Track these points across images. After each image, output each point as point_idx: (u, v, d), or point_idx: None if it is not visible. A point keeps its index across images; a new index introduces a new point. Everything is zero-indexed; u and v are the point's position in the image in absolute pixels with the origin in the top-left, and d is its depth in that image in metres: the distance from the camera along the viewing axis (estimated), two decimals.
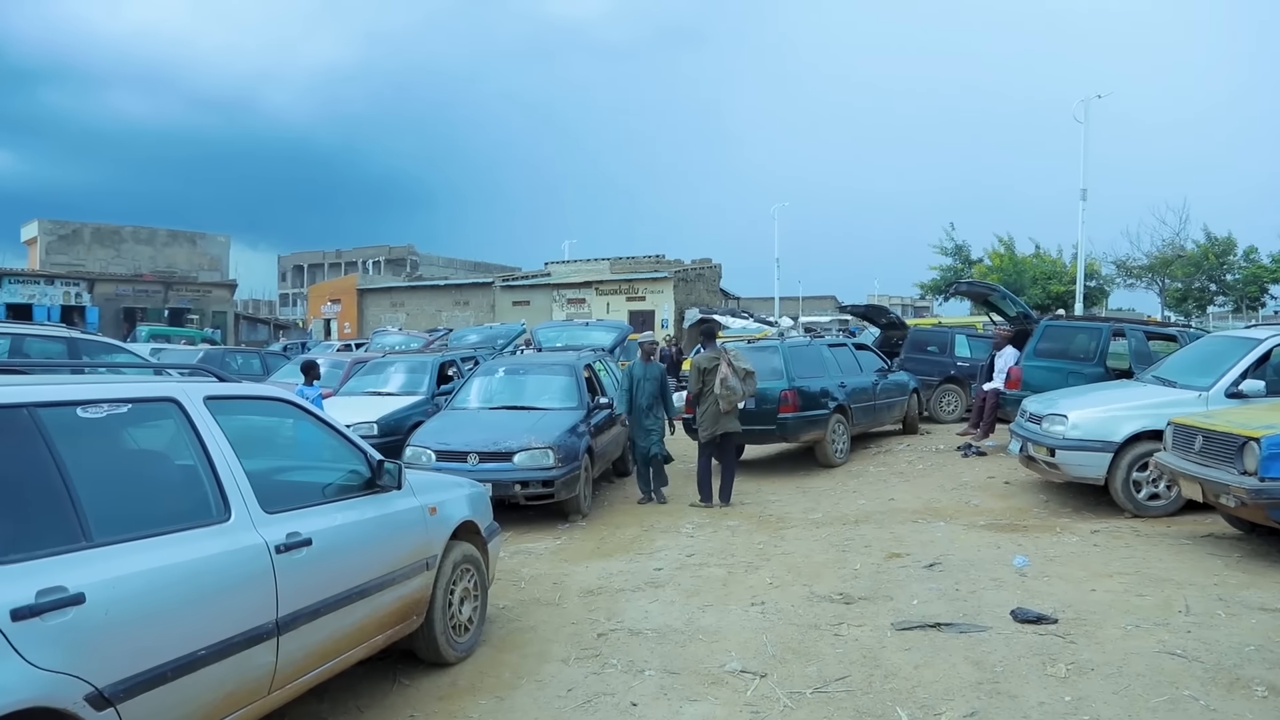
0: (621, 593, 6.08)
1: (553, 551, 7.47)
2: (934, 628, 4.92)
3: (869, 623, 5.12)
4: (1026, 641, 4.60)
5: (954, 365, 14.95)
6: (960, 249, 37.40)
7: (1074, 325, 11.68)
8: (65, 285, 38.21)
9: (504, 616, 5.62)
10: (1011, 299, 12.50)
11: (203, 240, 45.99)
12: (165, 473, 3.34)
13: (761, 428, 10.56)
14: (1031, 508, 8.19)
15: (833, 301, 59.21)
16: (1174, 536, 6.74)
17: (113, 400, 3.05)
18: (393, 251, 63.91)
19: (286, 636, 3.36)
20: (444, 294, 42.14)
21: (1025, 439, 8.29)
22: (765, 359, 10.93)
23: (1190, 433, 6.32)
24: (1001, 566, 6.08)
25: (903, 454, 11.60)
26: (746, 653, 4.76)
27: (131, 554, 2.82)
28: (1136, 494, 7.51)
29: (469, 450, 8.30)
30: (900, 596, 5.58)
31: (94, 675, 2.56)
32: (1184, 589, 5.32)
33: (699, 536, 7.79)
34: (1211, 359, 8.02)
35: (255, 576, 3.27)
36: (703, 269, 38.27)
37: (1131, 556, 6.15)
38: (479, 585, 5.07)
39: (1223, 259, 34.43)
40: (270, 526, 3.40)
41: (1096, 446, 7.61)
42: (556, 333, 15.83)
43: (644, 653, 4.86)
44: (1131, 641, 4.48)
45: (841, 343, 12.91)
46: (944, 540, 7.03)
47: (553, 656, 4.88)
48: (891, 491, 9.34)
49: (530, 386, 9.91)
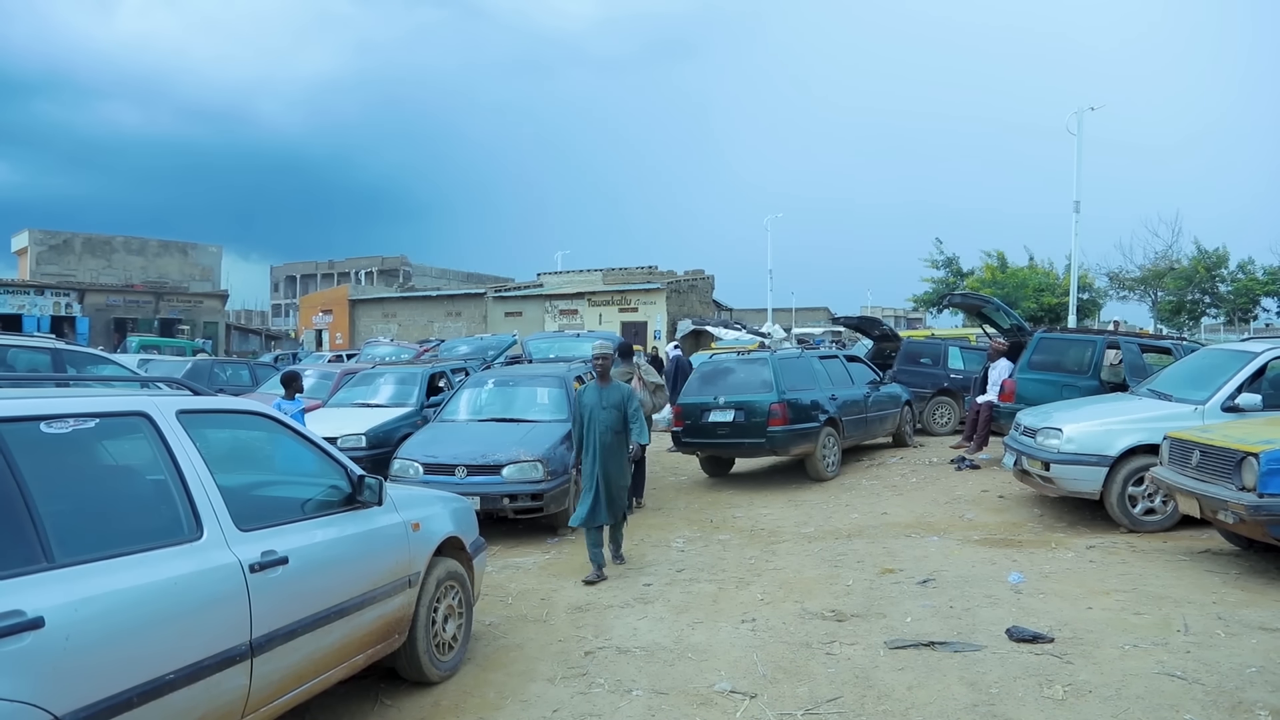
0: (610, 609, 5.98)
1: (541, 566, 7.36)
2: (928, 646, 4.83)
3: (861, 641, 5.02)
4: (1022, 661, 4.50)
5: (947, 377, 14.88)
6: (951, 262, 37.45)
7: (1068, 337, 11.62)
8: (55, 295, 38.02)
9: (490, 633, 5.51)
10: (1005, 311, 12.44)
11: (194, 250, 45.88)
12: (134, 490, 3.23)
13: (751, 441, 10.37)
14: (1026, 522, 8.11)
15: (825, 313, 59.26)
16: (1170, 552, 6.66)
17: (79, 415, 2.95)
18: (386, 262, 63.81)
19: (261, 658, 3.25)
20: (436, 305, 41.98)
21: (1019, 453, 8.20)
22: (754, 371, 10.82)
23: (1187, 447, 6.25)
24: (996, 583, 5.99)
25: (896, 467, 11.51)
26: (736, 672, 4.66)
27: (96, 575, 2.72)
28: (1132, 509, 7.43)
29: (457, 463, 8.19)
30: (893, 614, 5.48)
31: (54, 703, 2.45)
32: (1182, 607, 5.23)
33: (689, 551, 7.69)
34: (1207, 372, 7.95)
35: (228, 597, 3.16)
36: (695, 280, 38.23)
37: (1128, 573, 6.07)
38: (464, 602, 4.96)
39: (1214, 272, 34.51)
40: (244, 545, 3.30)
41: (1091, 460, 7.53)
42: (548, 344, 15.73)
43: (632, 672, 4.75)
44: (1130, 662, 4.39)
45: (833, 354, 12.74)
46: (938, 555, 6.94)
47: (539, 675, 4.77)
48: (884, 505, 9.25)
49: (520, 398, 9.80)
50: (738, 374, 10.97)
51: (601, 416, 6.91)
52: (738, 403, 10.44)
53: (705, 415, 10.62)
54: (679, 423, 10.89)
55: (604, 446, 6.87)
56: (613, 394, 7.01)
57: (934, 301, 37.37)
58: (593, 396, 7.00)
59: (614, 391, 7.03)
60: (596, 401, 6.96)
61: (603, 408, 6.92)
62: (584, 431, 7.00)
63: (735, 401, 10.46)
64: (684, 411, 10.85)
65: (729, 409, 10.47)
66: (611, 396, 6.99)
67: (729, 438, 10.57)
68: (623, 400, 7.01)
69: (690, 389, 11.13)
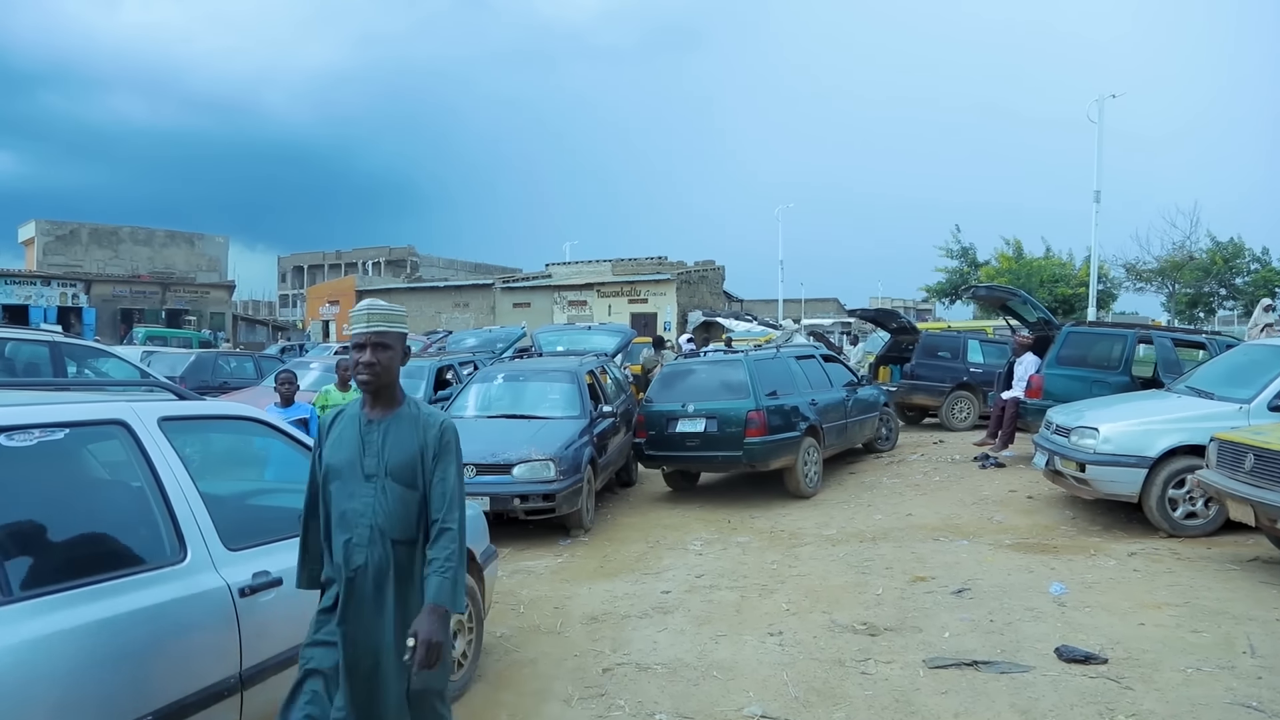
0: (627, 619, 5.67)
1: (553, 571, 7.05)
2: (971, 666, 4.50)
3: (898, 659, 4.70)
4: (1076, 685, 4.17)
5: (967, 371, 14.52)
6: (967, 251, 36.94)
7: (1097, 331, 11.22)
8: (62, 286, 37.87)
9: (501, 647, 5.21)
10: (1032, 303, 12.04)
11: (201, 241, 45.67)
12: (109, 509, 2.93)
13: (725, 455, 9.21)
14: (1058, 525, 7.77)
15: (835, 304, 58.76)
16: (1218, 560, 6.31)
17: (45, 425, 2.63)
18: (393, 252, 63.51)
19: (252, 691, 2.96)
20: (443, 296, 41.71)
21: (1052, 452, 7.85)
22: (727, 374, 9.67)
23: (1239, 450, 5.89)
24: (1036, 594, 5.65)
25: (917, 465, 11.17)
26: (766, 693, 4.34)
27: (63, 608, 2.41)
28: (1172, 512, 7.08)
29: (465, 462, 7.84)
30: (929, 628, 5.15)
31: None
32: (1243, 624, 4.88)
33: (708, 554, 7.38)
34: (1250, 369, 7.59)
35: (215, 625, 2.87)
36: (706, 271, 37.89)
37: (1176, 584, 5.72)
38: (473, 616, 4.64)
39: (1231, 263, 33.95)
40: (233, 566, 3.00)
41: (1130, 462, 7.18)
42: (557, 336, 15.41)
43: (654, 692, 4.44)
44: (1196, 689, 4.05)
45: (809, 354, 11.49)
46: (970, 562, 6.60)
47: (554, 695, 4.46)
48: (908, 506, 8.91)
49: (530, 394, 9.49)
50: (708, 378, 9.82)
51: (361, 494, 2.73)
52: (710, 411, 9.28)
53: (672, 425, 9.44)
54: (642, 433, 9.73)
55: (368, 574, 2.71)
56: (401, 434, 2.77)
57: (947, 291, 36.95)
58: (349, 435, 2.80)
59: (404, 430, 2.78)
60: (354, 449, 2.77)
61: (365, 476, 2.74)
62: (322, 515, 2.84)
63: (707, 410, 9.30)
64: (648, 421, 9.68)
65: (699, 418, 9.31)
66: (399, 439, 2.77)
67: (700, 450, 9.36)
68: (417, 453, 2.76)
69: (654, 395, 9.99)
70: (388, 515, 2.70)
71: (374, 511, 2.70)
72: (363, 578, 2.69)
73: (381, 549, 2.69)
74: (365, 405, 2.82)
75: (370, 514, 2.70)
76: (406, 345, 2.86)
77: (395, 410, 2.80)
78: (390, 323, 2.78)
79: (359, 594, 2.69)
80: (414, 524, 2.74)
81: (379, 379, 2.74)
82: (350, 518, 2.71)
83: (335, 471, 2.77)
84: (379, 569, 2.69)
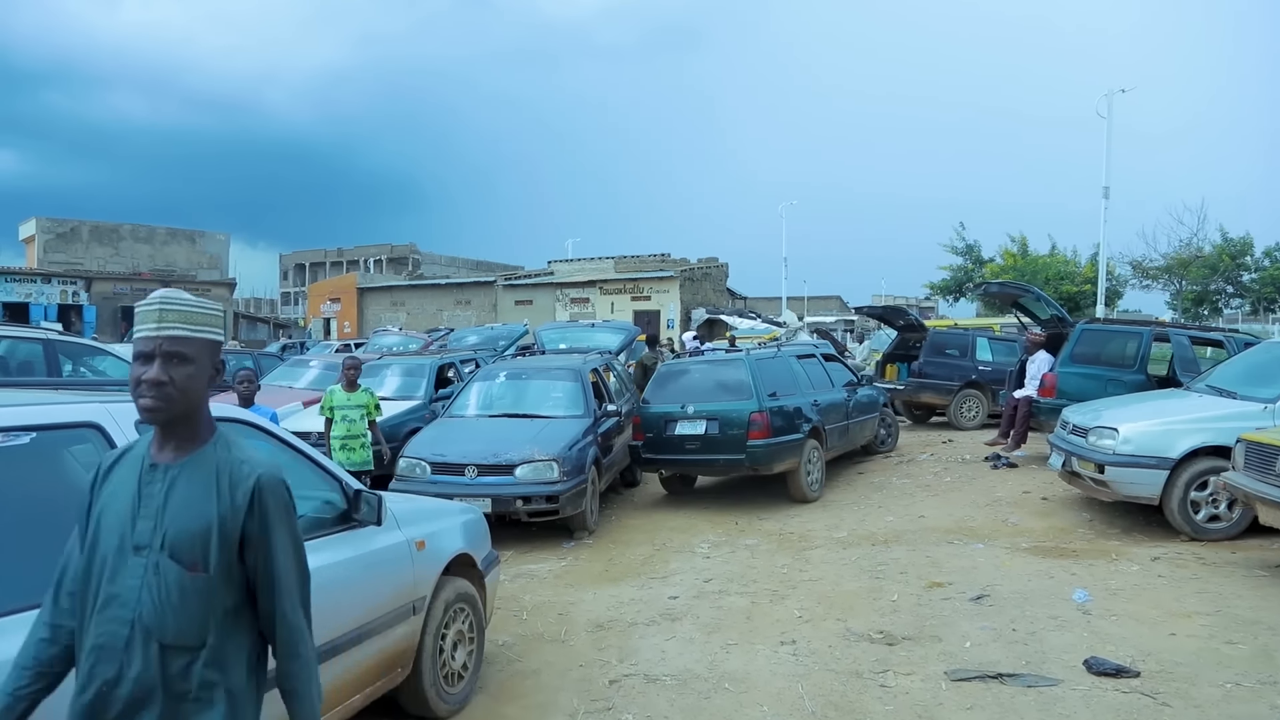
0: (634, 626, 5.47)
1: (557, 575, 6.86)
2: (995, 679, 4.29)
3: (918, 670, 4.49)
4: (1109, 701, 3.96)
5: (975, 369, 14.30)
6: (971, 249, 36.63)
7: (1112, 329, 10.99)
8: (62, 284, 37.65)
9: (503, 656, 5.01)
10: (1046, 301, 11.80)
11: (202, 238, 45.44)
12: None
13: (726, 457, 8.91)
14: (1075, 528, 7.56)
15: (838, 302, 58.51)
16: (1245, 566, 6.09)
17: (9, 429, 2.43)
18: (395, 250, 63.28)
19: None
20: (445, 293, 41.47)
21: (1069, 453, 7.64)
22: (727, 374, 9.37)
23: (1269, 452, 5.67)
24: (1059, 600, 5.44)
25: (927, 464, 10.96)
26: (781, 707, 4.14)
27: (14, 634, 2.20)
28: (1195, 515, 6.87)
29: (466, 462, 7.69)
30: (949, 637, 4.95)
31: None
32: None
33: (715, 557, 7.18)
34: (1273, 367, 7.39)
35: None
36: (709, 268, 37.63)
37: (1205, 591, 5.51)
38: (475, 626, 4.45)
39: (1238, 260, 33.62)
40: None
41: (1150, 463, 6.97)
42: (560, 334, 15.20)
43: (663, 705, 4.24)
44: (1238, 705, 3.84)
45: (810, 353, 11.19)
46: (987, 566, 6.39)
47: (558, 708, 4.27)
48: (920, 507, 8.70)
49: (533, 392, 9.28)
50: (707, 378, 9.53)
51: (124, 574, 1.80)
52: (710, 412, 8.99)
53: (671, 427, 9.14)
54: (639, 435, 9.45)
55: (118, 695, 1.76)
56: (193, 489, 1.84)
57: (951, 289, 36.67)
58: (125, 486, 1.87)
59: (197, 482, 1.85)
60: (128, 506, 1.84)
61: (134, 547, 1.81)
62: (80, 600, 1.85)
63: (707, 411, 9.02)
64: (645, 423, 9.38)
65: (700, 419, 9.02)
66: (188, 497, 1.83)
67: (700, 453, 9.06)
68: (213, 521, 1.82)
69: (652, 396, 9.69)
70: (157, 608, 1.76)
71: (138, 600, 1.77)
72: (109, 700, 1.75)
73: (143, 658, 1.75)
74: (153, 443, 1.89)
75: (134, 604, 1.77)
76: (220, 359, 1.94)
77: (191, 453, 1.87)
78: (192, 324, 1.85)
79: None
80: (199, 624, 1.78)
81: (170, 406, 1.80)
82: (109, 607, 1.78)
83: (98, 538, 1.83)
84: (137, 688, 1.75)
